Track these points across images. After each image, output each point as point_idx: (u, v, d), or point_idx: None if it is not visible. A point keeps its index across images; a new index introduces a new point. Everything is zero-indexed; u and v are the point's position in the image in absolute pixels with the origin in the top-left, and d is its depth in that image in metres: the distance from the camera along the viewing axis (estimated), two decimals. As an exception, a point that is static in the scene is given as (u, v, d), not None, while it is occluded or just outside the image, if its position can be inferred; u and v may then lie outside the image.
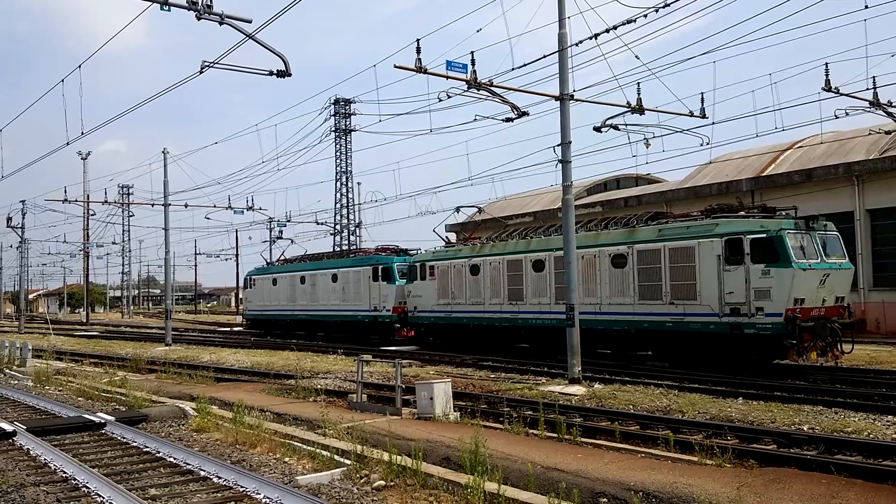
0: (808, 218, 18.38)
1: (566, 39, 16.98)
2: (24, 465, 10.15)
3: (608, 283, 21.22)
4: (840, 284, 18.28)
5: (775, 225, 17.68)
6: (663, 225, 20.49)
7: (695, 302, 18.91)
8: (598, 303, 21.44)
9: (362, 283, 31.96)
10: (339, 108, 54.86)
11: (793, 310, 17.04)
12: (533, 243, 24.23)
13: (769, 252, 17.41)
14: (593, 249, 21.61)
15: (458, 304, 26.61)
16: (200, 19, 11.58)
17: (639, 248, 20.27)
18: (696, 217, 20.16)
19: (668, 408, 13.51)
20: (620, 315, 20.73)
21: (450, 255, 27.59)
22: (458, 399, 14.21)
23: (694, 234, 19.12)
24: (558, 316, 21.59)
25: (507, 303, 24.48)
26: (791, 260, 17.08)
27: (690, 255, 19.02)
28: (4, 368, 24.34)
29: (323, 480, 8.88)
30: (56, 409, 14.93)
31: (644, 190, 40.30)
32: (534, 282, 23.58)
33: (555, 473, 8.43)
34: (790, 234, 17.41)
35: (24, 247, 55.11)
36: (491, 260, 25.27)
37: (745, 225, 18.20)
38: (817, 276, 17.53)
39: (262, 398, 15.70)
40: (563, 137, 17.12)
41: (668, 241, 19.71)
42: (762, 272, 17.49)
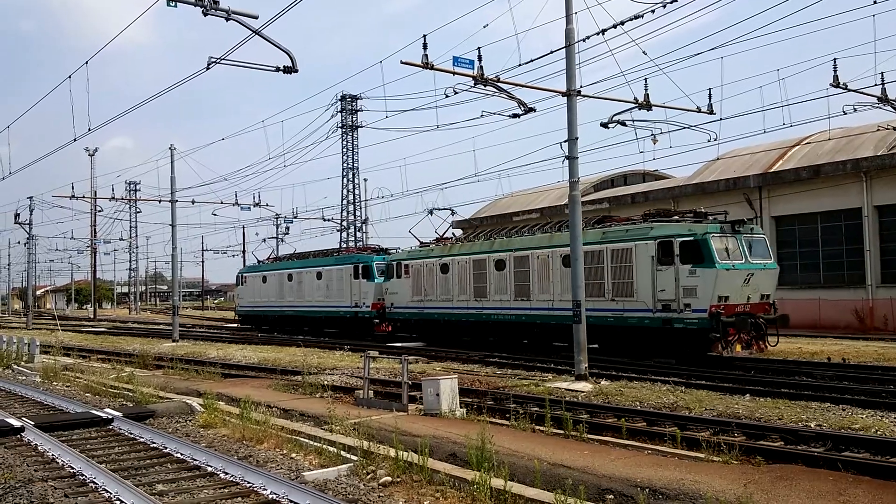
0: (734, 222, 19.77)
1: (573, 35, 16.92)
2: (32, 460, 10.19)
3: (559, 282, 22.62)
4: (765, 283, 19.64)
5: (702, 229, 19.14)
6: (607, 228, 21.96)
7: (632, 299, 20.37)
8: (552, 299, 22.95)
9: (344, 280, 33.46)
10: (346, 105, 54.87)
11: (717, 306, 18.45)
12: (496, 244, 25.64)
13: (696, 254, 18.79)
14: (547, 250, 23.18)
15: (430, 300, 27.93)
16: (207, 15, 11.58)
17: (585, 250, 20.57)
18: (635, 221, 21.61)
19: (674, 404, 13.48)
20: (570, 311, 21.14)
21: (423, 254, 28.94)
22: (465, 395, 14.21)
23: (631, 237, 20.58)
24: (516, 311, 23.99)
25: (473, 299, 25.91)
26: (715, 261, 18.52)
27: (628, 256, 20.51)
28: (12, 364, 24.45)
29: (329, 476, 8.90)
30: (64, 405, 14.99)
31: (651, 186, 40.18)
32: (496, 280, 25.01)
33: (561, 470, 8.42)
34: (715, 238, 18.87)
35: (32, 243, 55.34)
36: (459, 259, 26.68)
37: (676, 229, 19.67)
38: (741, 275, 18.93)
39: (269, 394, 15.73)
40: (570, 133, 17.07)
41: (610, 242, 21.15)
42: (689, 272, 18.94)
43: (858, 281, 30.50)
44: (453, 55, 16.61)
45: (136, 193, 61.81)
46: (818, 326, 30.43)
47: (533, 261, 23.61)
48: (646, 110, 19.29)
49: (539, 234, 24.27)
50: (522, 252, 24.10)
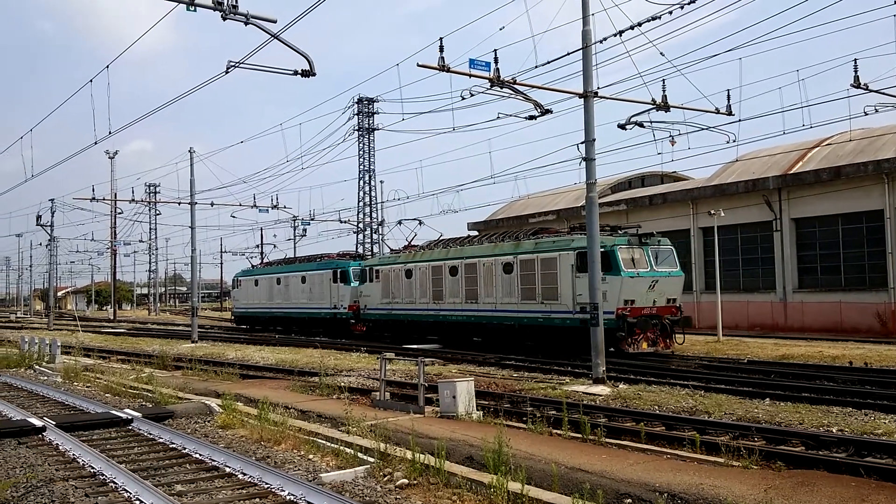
0: (642, 235, 22.28)
1: (590, 36, 16.86)
2: (54, 459, 10.28)
3: (500, 287, 25.14)
4: (670, 289, 22.28)
5: (611, 241, 21.52)
6: (539, 240, 24.50)
7: (557, 302, 22.88)
8: (494, 302, 25.47)
9: (325, 284, 36.17)
10: (363, 108, 55.00)
11: (623, 309, 21.09)
12: (451, 252, 28.16)
13: (605, 263, 20.40)
14: (490, 258, 25.75)
15: (396, 302, 30.57)
16: (226, 19, 11.64)
17: (521, 259, 24.34)
18: (561, 234, 24.46)
19: (693, 408, 13.39)
20: (509, 312, 24.85)
21: (391, 260, 31.63)
22: (481, 398, 14.19)
23: (557, 248, 23.13)
24: (467, 312, 26.73)
25: (432, 301, 28.44)
26: (620, 269, 21.11)
27: (554, 264, 23.06)
28: (34, 364, 24.69)
29: (347, 478, 8.91)
30: (84, 405, 15.12)
31: (670, 188, 39.97)
32: (450, 284, 27.57)
33: (579, 474, 8.38)
34: (622, 249, 21.42)
35: (53, 245, 55.87)
36: (421, 266, 29.25)
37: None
38: (646, 282, 21.40)
39: (286, 395, 15.78)
40: (587, 135, 17.01)
41: (540, 252, 23.74)
42: (601, 279, 19.87)
43: (880, 283, 30.15)
44: (469, 57, 16.64)
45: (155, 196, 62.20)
46: (839, 330, 30.13)
47: (480, 268, 26.08)
48: (664, 111, 19.18)
49: (486, 244, 26.77)
50: (472, 260, 26.60)
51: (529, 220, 44.72)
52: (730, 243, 34.68)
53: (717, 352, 23.84)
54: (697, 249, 36.17)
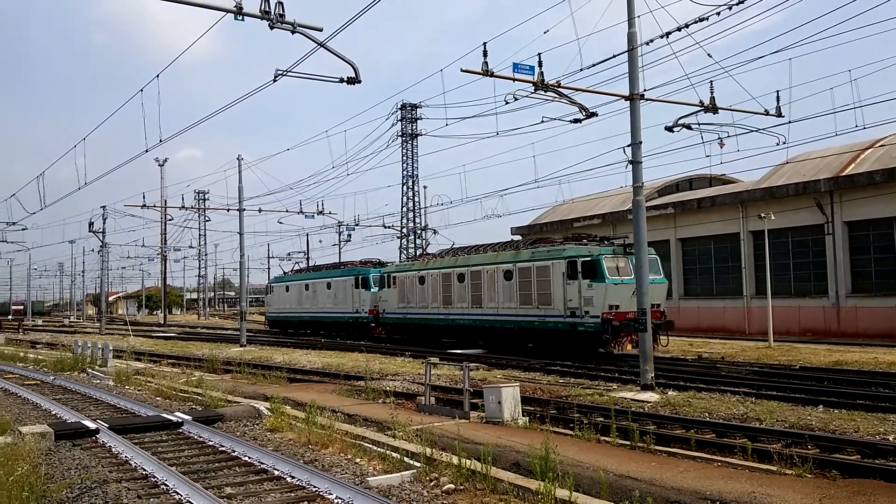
0: (627, 245, 23.58)
1: (636, 38, 16.70)
2: (107, 461, 10.50)
3: (502, 292, 26.94)
4: (654, 294, 22.42)
5: (597, 251, 23.62)
6: (535, 249, 26.28)
7: (550, 307, 24.64)
8: (497, 307, 27.23)
9: (348, 290, 38.39)
10: (406, 113, 55.27)
11: (608, 313, 22.78)
12: (458, 261, 30.14)
13: (592, 271, 23.11)
14: (492, 266, 27.60)
15: (411, 307, 32.50)
16: (273, 28, 11.79)
17: (519, 266, 26.23)
18: (555, 244, 26.30)
19: (744, 416, 13.13)
20: (510, 316, 26.68)
21: (406, 268, 33.78)
22: (527, 404, 14.11)
23: (550, 257, 24.91)
24: (473, 316, 28.53)
25: (442, 306, 30.39)
26: (605, 277, 22.91)
27: (548, 272, 24.80)
28: (87, 368, 25.26)
29: (393, 482, 8.94)
30: (136, 408, 15.42)
31: (718, 191, 39.33)
32: (458, 290, 29.45)
33: (628, 481, 8.28)
34: (607, 258, 23.31)
35: (105, 251, 57.03)
36: (432, 273, 31.17)
37: (580, 251, 24.00)
38: (629, 288, 21.93)
39: (333, 399, 15.90)
40: (634, 138, 16.83)
41: (536, 261, 25.52)
42: (588, 285, 23.24)
43: (938, 288, 29.23)
44: (513, 62, 16.56)
45: (204, 202, 63.43)
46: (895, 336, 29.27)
47: (484, 275, 27.94)
48: (712, 113, 18.88)
49: (490, 253, 28.64)
50: (477, 267, 28.49)
51: (574, 224, 44.42)
52: (780, 247, 33.99)
53: (768, 358, 23.37)
54: (747, 253, 35.50)
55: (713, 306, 37.24)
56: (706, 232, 37.64)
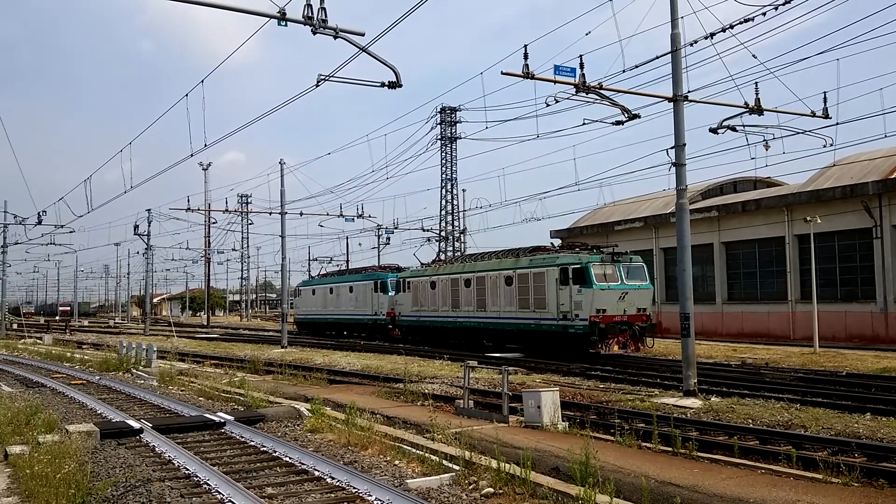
0: (615, 253, 25.86)
1: (679, 40, 16.51)
2: (150, 461, 10.68)
3: (503, 297, 28.88)
4: (640, 299, 25.67)
5: (586, 259, 25.39)
6: (533, 256, 28.08)
7: (545, 310, 26.57)
8: (499, 311, 29.23)
9: (368, 293, 40.41)
10: (445, 117, 55.33)
11: (595, 316, 24.49)
12: (466, 267, 32.12)
13: (581, 277, 25.08)
14: (495, 272, 29.60)
15: (423, 310, 34.51)
16: (316, 33, 11.90)
17: (518, 273, 28.14)
18: (550, 251, 28.51)
19: (789, 422, 12.87)
20: (510, 319, 28.62)
21: (419, 273, 35.63)
22: (566, 409, 14.01)
23: (545, 264, 26.84)
24: (477, 319, 30.54)
25: (451, 310, 32.32)
26: (593, 283, 24.72)
27: (543, 278, 26.72)
28: (132, 368, 25.74)
29: (432, 485, 8.94)
30: (179, 408, 15.66)
31: (763, 193, 38.65)
32: (465, 295, 31.37)
33: (669, 488, 8.16)
34: (595, 265, 25.08)
35: (150, 253, 58.07)
36: (442, 278, 33.14)
37: (572, 259, 25.87)
38: (616, 293, 24.85)
39: (372, 401, 15.97)
40: (677, 140, 16.63)
41: (533, 268, 27.46)
42: (578, 291, 25.10)
43: None
44: (554, 64, 16.48)
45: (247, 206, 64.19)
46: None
47: (487, 280, 29.88)
48: (757, 115, 18.58)
49: (493, 260, 30.71)
50: (481, 273, 30.41)
51: (615, 227, 44.04)
52: (827, 251, 33.27)
53: (814, 364, 22.89)
54: (792, 257, 34.81)
55: (757, 311, 36.59)
56: (751, 235, 37.02)
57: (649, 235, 42.04)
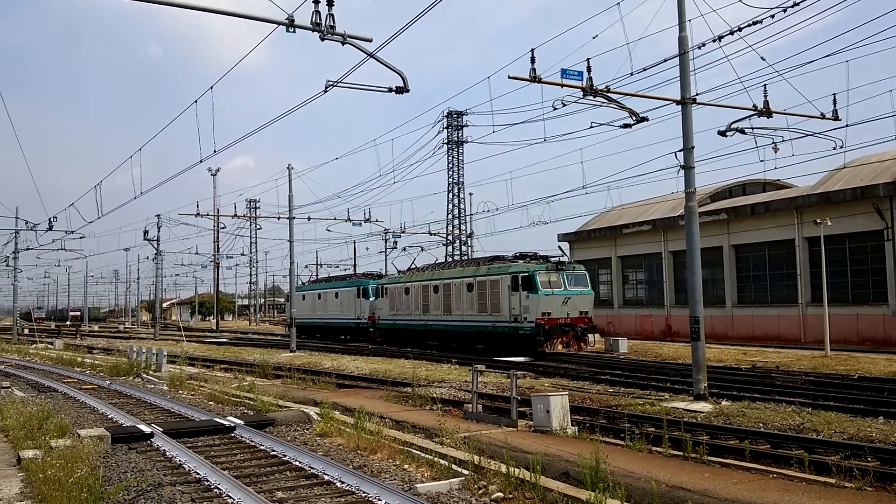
0: (559, 263, 29.42)
1: (687, 42, 16.49)
2: (161, 465, 10.72)
3: (465, 302, 32.05)
4: (582, 303, 28.96)
5: (534, 268, 28.69)
6: (490, 265, 31.54)
7: (500, 314, 29.75)
8: (462, 314, 32.35)
9: (351, 299, 43.45)
10: (452, 121, 55.37)
11: (541, 319, 27.70)
12: (434, 274, 35.38)
13: (528, 284, 28.33)
14: (459, 280, 32.82)
15: (399, 314, 37.64)
16: (324, 40, 11.93)
17: (478, 280, 31.38)
18: (505, 260, 31.46)
19: (801, 426, 12.80)
20: (471, 322, 31.79)
21: (396, 280, 39.00)
22: (576, 413, 13.98)
23: (500, 272, 30.10)
24: (444, 322, 33.74)
25: (422, 314, 35.40)
26: (538, 289, 27.97)
27: (498, 285, 30.02)
28: (142, 373, 25.83)
29: (441, 489, 8.93)
30: (189, 413, 15.71)
31: (772, 196, 38.48)
32: (434, 300, 34.54)
33: (680, 493, 8.13)
34: (541, 273, 28.35)
35: (159, 258, 58.21)
36: (415, 285, 36.28)
37: (521, 267, 29.12)
38: (560, 298, 28.22)
39: (380, 405, 15.98)
40: (686, 142, 16.60)
41: (490, 276, 30.68)
42: (526, 296, 28.29)
43: None
44: (562, 67, 16.49)
45: (256, 211, 64.41)
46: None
47: (452, 287, 33.01)
48: (765, 117, 18.52)
49: (458, 268, 34.29)
50: (447, 280, 33.56)
51: (623, 230, 43.95)
52: (837, 254, 33.08)
53: (825, 367, 22.76)
54: (803, 260, 34.63)
55: (767, 314, 36.42)
56: (760, 238, 36.87)
57: (658, 238, 41.94)
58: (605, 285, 46.39)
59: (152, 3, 11.35)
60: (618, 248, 45.03)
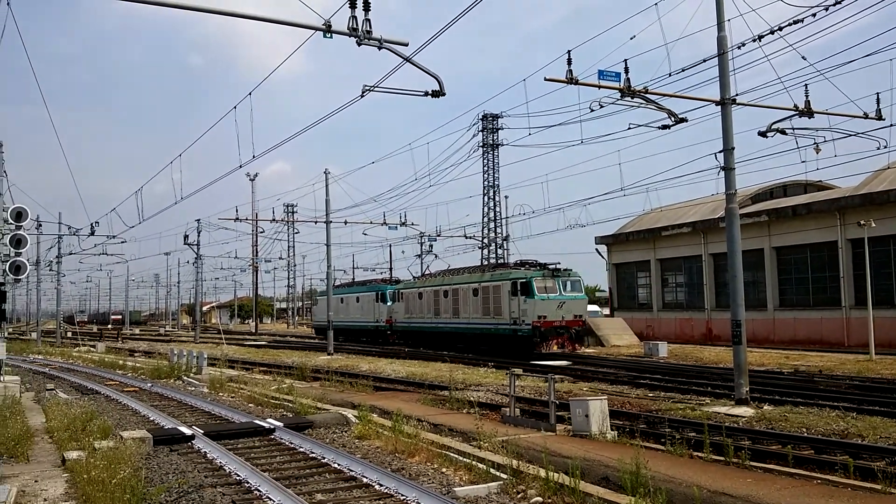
0: (555, 270, 31.34)
1: (726, 42, 16.27)
2: (202, 467, 10.86)
3: (471, 306, 34.53)
4: (576, 307, 30.99)
5: (531, 274, 30.89)
6: (494, 272, 34.41)
7: (501, 317, 32.02)
8: (468, 317, 34.82)
9: (371, 303, 46.33)
10: (487, 124, 55.28)
11: (537, 322, 29.79)
12: (445, 280, 38.28)
13: (526, 290, 30.42)
14: (466, 285, 35.40)
15: (413, 317, 40.47)
16: (361, 45, 11.99)
17: (483, 286, 33.79)
18: (507, 267, 34.44)
19: (845, 431, 12.53)
20: (476, 325, 34.12)
21: (410, 285, 42.08)
22: (615, 417, 13.83)
23: (502, 278, 32.46)
24: (453, 325, 36.36)
25: (434, 317, 38.21)
26: (535, 294, 30.11)
27: (500, 290, 32.23)
28: (183, 376, 26.20)
29: (480, 493, 8.91)
30: (229, 415, 15.89)
31: (814, 197, 37.78)
32: (444, 304, 37.24)
33: (722, 498, 8.01)
34: (537, 279, 30.49)
35: (199, 262, 59.03)
36: (427, 290, 39.10)
37: (520, 274, 31.46)
38: (555, 303, 30.24)
39: (417, 408, 16.00)
40: (726, 143, 16.36)
41: (493, 281, 33.09)
42: (524, 300, 30.33)
43: None
44: (599, 69, 16.38)
45: (293, 215, 64.95)
46: None
47: (460, 292, 35.69)
48: (807, 117, 18.19)
49: (465, 275, 36.99)
50: (456, 286, 36.24)
51: (662, 233, 43.50)
52: (881, 255, 32.32)
53: (870, 371, 22.25)
54: (846, 262, 33.93)
55: (810, 317, 35.75)
56: (802, 240, 36.20)
57: (698, 241, 41.42)
58: (644, 289, 45.96)
59: (195, 11, 11.53)
60: (657, 251, 44.57)
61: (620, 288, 48.30)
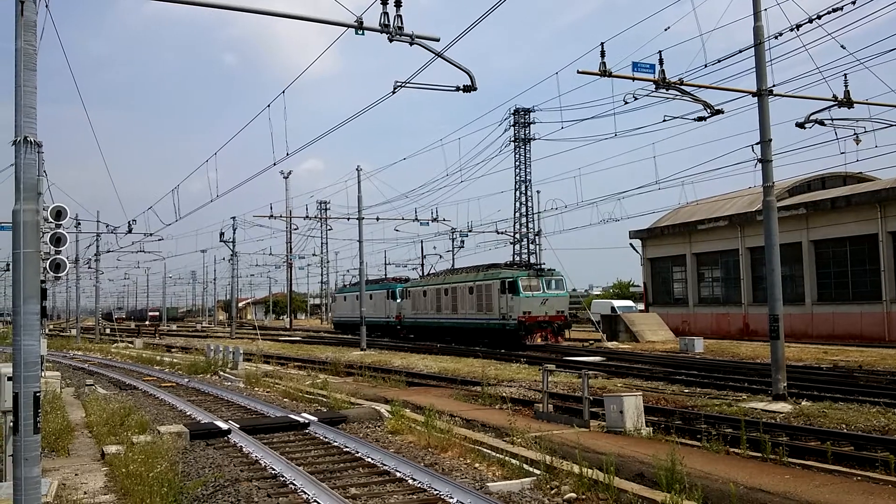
0: (539, 269, 35.17)
1: (762, 32, 16.00)
2: (238, 461, 10.98)
3: (467, 303, 37.86)
4: (559, 304, 34.19)
5: (517, 273, 34.35)
6: (487, 272, 37.32)
7: (492, 313, 35.36)
8: (465, 313, 38.12)
9: (383, 300, 49.50)
10: (518, 118, 55.06)
11: (522, 317, 33.04)
12: (446, 279, 41.35)
13: (512, 288, 33.73)
14: (463, 284, 38.58)
15: (419, 313, 43.62)
16: (392, 41, 11.99)
17: (477, 284, 36.99)
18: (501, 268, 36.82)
19: (886, 427, 12.27)
20: (471, 320, 37.51)
21: (417, 284, 45.44)
22: (650, 414, 13.70)
23: (493, 277, 35.77)
24: (453, 320, 39.50)
25: (436, 313, 41.36)
26: (520, 292, 33.33)
27: (491, 288, 35.51)
28: (219, 371, 26.52)
29: (513, 489, 8.89)
30: (264, 409, 16.06)
31: (853, 189, 37.03)
32: (445, 301, 40.35)
33: (760, 495, 7.89)
34: (523, 279, 33.75)
35: (235, 259, 59.58)
36: (431, 288, 42.28)
37: (508, 273, 34.86)
38: (539, 300, 33.51)
39: (450, 403, 16.01)
40: (763, 135, 16.10)
41: (486, 280, 36.30)
42: (510, 298, 33.63)
43: None
44: (633, 61, 16.22)
45: (326, 212, 65.37)
46: None
47: (458, 290, 38.90)
48: (846, 108, 17.82)
49: (463, 274, 40.21)
50: (455, 285, 39.44)
51: (698, 227, 42.98)
52: (925, 249, 31.62)
53: (913, 367, 21.73)
54: (887, 256, 33.19)
55: (849, 312, 35.06)
56: (841, 233, 35.50)
57: (734, 234, 40.85)
58: (680, 283, 45.47)
59: (230, 10, 11.62)
60: (692, 245, 44.04)
61: (655, 283, 47.83)
